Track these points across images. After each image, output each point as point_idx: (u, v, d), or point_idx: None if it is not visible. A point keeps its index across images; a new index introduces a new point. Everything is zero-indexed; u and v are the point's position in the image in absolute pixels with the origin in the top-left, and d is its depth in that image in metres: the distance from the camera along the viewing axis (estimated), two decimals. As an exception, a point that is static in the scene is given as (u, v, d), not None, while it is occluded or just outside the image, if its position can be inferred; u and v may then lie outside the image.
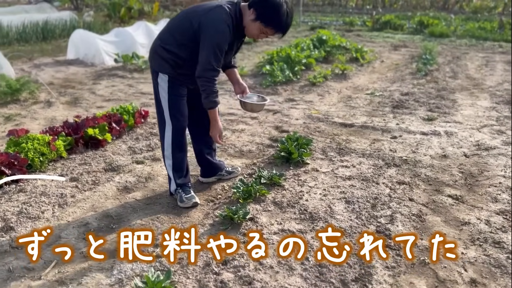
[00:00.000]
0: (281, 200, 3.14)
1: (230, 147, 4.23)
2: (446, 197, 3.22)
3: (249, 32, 2.85)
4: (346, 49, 9.82)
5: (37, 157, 3.63)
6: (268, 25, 2.76)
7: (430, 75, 7.77)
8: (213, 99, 2.82)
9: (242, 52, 10.52)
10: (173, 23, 2.91)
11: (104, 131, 4.24)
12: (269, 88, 6.71)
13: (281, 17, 2.72)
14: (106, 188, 3.37)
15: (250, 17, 2.76)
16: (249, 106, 3.14)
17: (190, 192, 3.11)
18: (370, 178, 3.51)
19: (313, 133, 4.66)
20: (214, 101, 2.83)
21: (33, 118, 5.24)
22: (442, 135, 4.58)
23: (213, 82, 2.78)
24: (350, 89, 6.90)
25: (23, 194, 3.24)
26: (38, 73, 7.72)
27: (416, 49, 11.18)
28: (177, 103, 2.95)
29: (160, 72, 2.90)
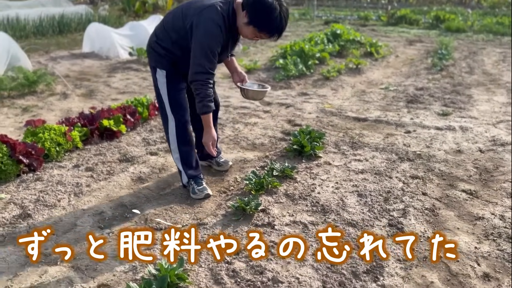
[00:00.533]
0: (293, 193, 3.15)
1: (243, 140, 4.25)
2: (460, 192, 3.20)
3: (243, 34, 2.79)
4: (361, 43, 9.74)
5: (54, 147, 3.69)
6: (262, 30, 2.69)
7: (445, 70, 7.67)
8: (207, 103, 2.72)
9: (255, 46, 10.51)
10: (168, 20, 2.87)
11: (119, 122, 4.30)
12: (282, 82, 6.71)
13: (273, 22, 2.63)
14: (120, 178, 3.41)
15: (243, 20, 2.68)
16: (251, 93, 3.13)
17: (202, 183, 3.14)
18: (383, 172, 3.50)
19: (326, 127, 4.65)
20: (208, 105, 2.73)
21: (50, 109, 5.33)
22: (457, 130, 4.53)
23: (207, 86, 2.69)
24: (364, 83, 6.86)
25: (40, 183, 3.30)
26: (54, 65, 7.83)
27: (431, 44, 11.04)
28: (177, 97, 2.93)
29: (157, 67, 2.89)
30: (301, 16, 18.59)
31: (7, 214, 2.87)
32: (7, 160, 3.32)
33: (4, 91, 5.73)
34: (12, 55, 6.52)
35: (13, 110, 5.26)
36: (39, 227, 2.47)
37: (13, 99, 5.68)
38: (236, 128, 4.62)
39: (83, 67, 7.94)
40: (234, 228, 2.68)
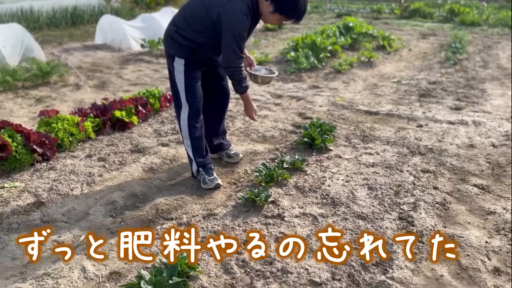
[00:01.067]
0: (303, 185, 3.15)
1: (253, 132, 4.26)
2: (472, 187, 3.17)
3: (268, 20, 2.96)
4: (373, 36, 9.65)
5: (67, 137, 3.74)
6: (288, 16, 2.84)
7: (459, 64, 7.57)
8: (245, 84, 2.98)
9: (266, 39, 10.48)
10: (188, 10, 2.93)
11: (131, 113, 4.33)
12: (293, 75, 6.69)
13: (300, 9, 2.80)
14: (132, 169, 3.45)
15: (268, 9, 2.81)
16: (260, 78, 3.28)
17: (212, 174, 3.17)
18: (394, 165, 3.48)
19: (337, 120, 4.64)
20: (246, 85, 2.99)
21: (63, 100, 5.39)
22: (470, 124, 4.48)
23: (241, 70, 2.92)
24: (376, 77, 6.81)
25: (53, 172, 3.36)
26: (67, 57, 7.90)
27: (445, 37, 10.89)
28: (193, 86, 3.02)
29: (176, 56, 2.97)
30: (313, 9, 18.45)
31: (22, 202, 2.92)
32: (22, 149, 3.37)
33: (18, 81, 5.81)
34: (26, 46, 6.60)
35: (27, 101, 5.33)
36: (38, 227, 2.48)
37: (27, 89, 5.75)
38: (246, 120, 4.63)
39: (96, 59, 7.99)
40: (244, 219, 2.70)
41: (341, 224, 2.64)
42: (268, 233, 2.55)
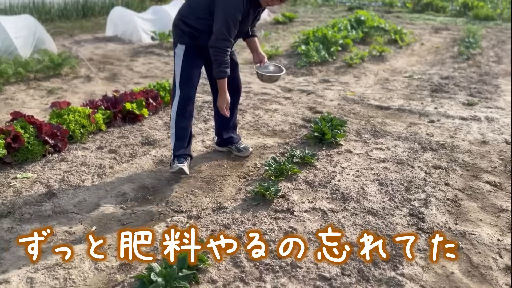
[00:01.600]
0: (313, 180, 3.14)
1: (263, 126, 4.25)
2: (484, 183, 3.14)
3: (264, 1, 2.89)
4: (385, 30, 9.55)
5: (78, 129, 3.77)
6: None
7: (472, 59, 7.47)
8: (224, 69, 2.89)
9: (277, 32, 10.42)
10: None
11: (141, 106, 4.34)
12: (303, 69, 6.65)
13: None
14: (142, 161, 3.47)
15: None
16: (266, 77, 3.22)
17: (183, 162, 3.09)
18: (405, 161, 3.46)
19: (348, 115, 4.61)
20: (225, 71, 2.91)
21: (74, 92, 5.42)
22: (483, 120, 4.43)
23: (225, 52, 2.85)
24: (387, 71, 6.74)
25: (65, 163, 3.38)
26: (78, 49, 7.94)
27: (458, 32, 10.74)
28: (189, 72, 3.03)
29: (178, 43, 3.01)
30: (324, 2, 18.30)
31: (34, 193, 2.95)
32: (34, 140, 3.40)
33: (30, 73, 5.85)
34: (38, 38, 6.64)
35: (39, 92, 5.37)
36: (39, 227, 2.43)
37: (38, 81, 5.80)
38: (256, 114, 4.62)
39: (106, 51, 8.02)
40: (254, 213, 2.70)
41: (351, 220, 2.63)
42: (278, 227, 2.55)
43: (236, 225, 2.57)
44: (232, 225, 2.58)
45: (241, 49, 8.47)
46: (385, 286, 2.10)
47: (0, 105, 4.86)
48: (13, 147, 3.30)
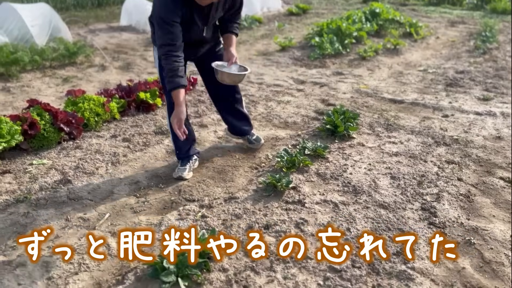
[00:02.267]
0: (324, 172, 3.15)
1: (275, 118, 4.25)
2: (498, 179, 3.11)
3: None
4: (400, 23, 9.43)
5: (93, 117, 3.81)
6: None
7: (488, 53, 7.35)
8: (171, 78, 2.53)
9: (291, 23, 10.36)
10: None
11: (155, 95, 4.37)
12: (317, 61, 6.61)
13: None
14: (156, 150, 3.50)
15: None
16: (220, 75, 2.84)
17: (185, 165, 3.07)
18: (418, 155, 3.44)
19: (361, 108, 4.58)
20: (171, 80, 2.53)
21: (89, 80, 5.47)
22: (498, 116, 4.37)
23: (171, 59, 2.51)
24: (401, 64, 6.67)
25: (80, 151, 3.43)
26: (93, 38, 7.99)
27: (475, 25, 10.56)
28: None
29: (154, 44, 2.84)
30: (339, -6, 18.09)
31: (49, 179, 3.01)
32: (49, 127, 3.46)
33: (46, 61, 5.92)
34: (54, 26, 6.70)
35: (54, 80, 5.44)
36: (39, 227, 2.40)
37: (54, 69, 5.86)
38: (268, 105, 4.62)
39: (121, 40, 8.06)
40: (265, 204, 2.72)
41: (363, 213, 2.63)
42: (289, 219, 2.57)
43: (247, 215, 2.60)
44: (243, 215, 2.60)
45: (255, 40, 8.45)
46: (395, 279, 2.10)
47: (17, 92, 4.94)
48: (29, 133, 3.36)
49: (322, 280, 2.09)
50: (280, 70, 6.10)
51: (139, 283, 2.05)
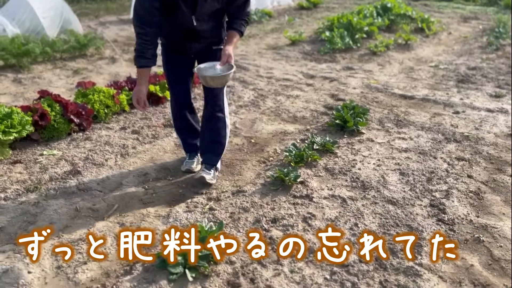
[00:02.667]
0: (333, 167, 3.13)
1: (284, 112, 4.24)
2: (509, 177, 3.07)
3: None
4: (412, 18, 9.33)
5: (103, 109, 3.83)
6: None
7: (501, 49, 7.25)
8: (139, 58, 2.58)
9: (301, 17, 10.31)
10: None
11: (164, 88, 4.38)
12: (327, 55, 6.58)
13: None
14: (164, 143, 3.51)
15: None
16: (203, 79, 2.63)
17: (193, 158, 3.10)
18: (427, 152, 3.41)
19: (371, 103, 4.55)
20: (139, 60, 2.59)
21: (99, 72, 5.50)
22: (510, 113, 4.31)
23: (140, 39, 2.54)
24: (412, 60, 6.61)
25: (89, 142, 3.46)
26: (103, 30, 8.03)
27: (488, 21, 10.41)
28: (173, 72, 2.87)
29: None
30: (350, -12, 17.95)
31: (59, 170, 3.03)
32: (60, 119, 3.48)
33: (57, 53, 5.96)
34: (65, 19, 6.74)
35: (65, 72, 5.47)
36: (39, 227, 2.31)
37: (65, 61, 5.90)
38: (277, 100, 4.61)
39: (131, 33, 8.07)
40: (273, 198, 2.72)
41: (371, 208, 2.62)
42: (296, 213, 2.56)
43: (255, 209, 2.60)
44: (251, 208, 2.61)
45: (264, 34, 8.42)
46: (402, 275, 2.09)
47: (28, 84, 4.98)
48: (40, 124, 3.39)
49: (329, 275, 2.09)
50: (289, 64, 6.08)
51: (147, 273, 2.07)
